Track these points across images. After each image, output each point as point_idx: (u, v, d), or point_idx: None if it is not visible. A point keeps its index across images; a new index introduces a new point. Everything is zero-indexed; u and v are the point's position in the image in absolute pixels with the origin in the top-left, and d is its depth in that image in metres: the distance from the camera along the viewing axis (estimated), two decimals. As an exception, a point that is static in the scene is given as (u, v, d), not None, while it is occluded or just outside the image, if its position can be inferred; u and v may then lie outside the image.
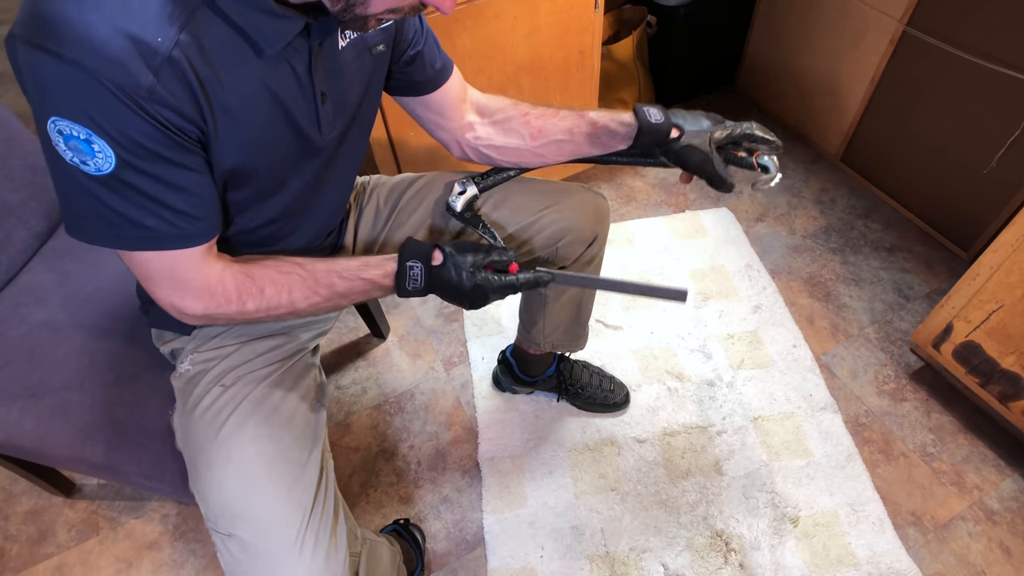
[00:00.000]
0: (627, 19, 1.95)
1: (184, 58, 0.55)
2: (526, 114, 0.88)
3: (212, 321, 0.71)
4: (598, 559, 1.18)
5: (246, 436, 0.73)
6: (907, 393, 1.39)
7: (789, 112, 1.99)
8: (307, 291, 0.72)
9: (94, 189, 0.57)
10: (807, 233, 1.73)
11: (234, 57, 0.59)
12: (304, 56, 0.65)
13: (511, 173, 0.94)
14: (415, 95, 0.87)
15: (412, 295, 0.74)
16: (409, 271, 0.72)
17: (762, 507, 1.23)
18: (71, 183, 0.58)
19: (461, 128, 0.90)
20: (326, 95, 0.69)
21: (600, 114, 0.86)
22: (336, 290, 0.73)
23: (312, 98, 0.68)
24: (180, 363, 0.82)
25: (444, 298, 0.75)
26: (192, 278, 0.66)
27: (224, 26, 0.57)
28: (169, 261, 0.64)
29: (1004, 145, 1.39)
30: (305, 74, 0.66)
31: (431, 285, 0.73)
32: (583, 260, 1.02)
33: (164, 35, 0.53)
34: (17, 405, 0.92)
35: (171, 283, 0.66)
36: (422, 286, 0.73)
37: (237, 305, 0.69)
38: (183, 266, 0.65)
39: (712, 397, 1.39)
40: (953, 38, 1.41)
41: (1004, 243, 1.08)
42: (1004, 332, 1.15)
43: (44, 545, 1.25)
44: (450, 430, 1.38)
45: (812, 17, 1.75)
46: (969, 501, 1.23)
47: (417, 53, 0.81)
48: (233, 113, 0.61)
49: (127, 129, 0.54)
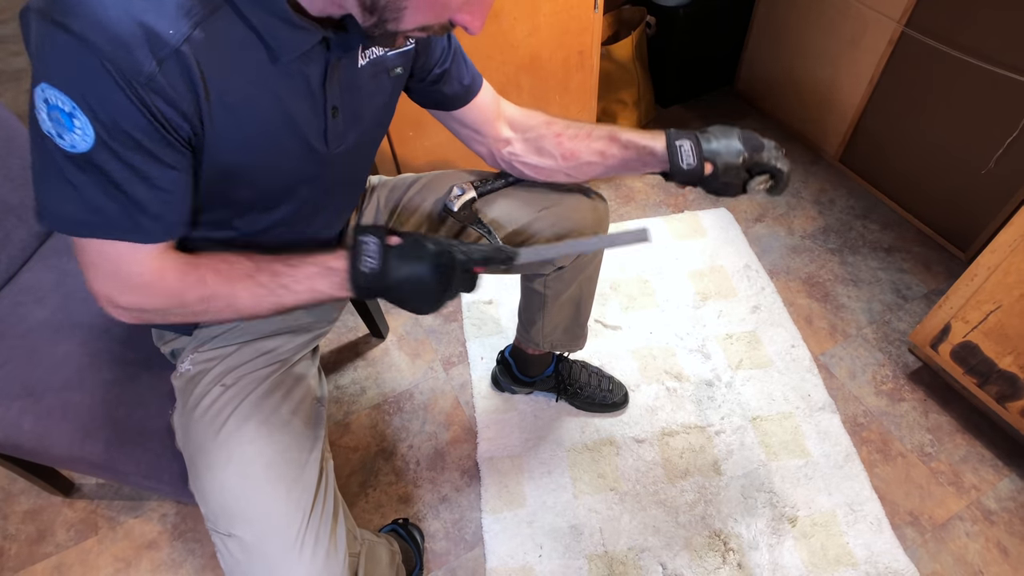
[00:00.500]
0: (626, 19, 1.95)
1: (192, 54, 0.55)
2: (559, 135, 0.88)
3: (141, 316, 0.67)
4: (597, 558, 1.18)
5: (246, 436, 0.74)
6: (905, 393, 1.40)
7: (788, 113, 1.99)
8: (249, 280, 0.67)
9: (62, 164, 0.56)
10: (806, 233, 1.73)
11: (248, 59, 0.59)
12: (320, 69, 0.65)
13: (511, 180, 0.94)
14: (446, 110, 0.88)
15: (368, 283, 0.67)
16: (363, 246, 0.67)
17: (760, 507, 1.23)
18: (42, 154, 0.56)
19: (497, 142, 0.91)
20: (338, 110, 0.69)
21: (633, 138, 0.85)
22: (279, 279, 0.67)
23: (323, 111, 0.68)
24: (180, 363, 0.82)
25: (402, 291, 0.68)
26: (136, 272, 0.63)
27: (243, 28, 0.58)
28: (116, 253, 0.62)
29: (1002, 146, 1.40)
30: (319, 87, 0.66)
31: (387, 270, 0.66)
32: (581, 262, 1.03)
33: (177, 28, 0.53)
34: (16, 404, 0.92)
35: (112, 276, 0.63)
36: (378, 266, 0.66)
37: (177, 298, 0.65)
38: (129, 260, 0.62)
39: (711, 397, 1.40)
40: (951, 39, 1.42)
41: (1002, 244, 1.09)
42: (1002, 332, 1.15)
43: (43, 544, 1.25)
44: (449, 430, 1.38)
45: (811, 18, 1.75)
46: (967, 501, 1.23)
47: (444, 71, 0.82)
48: (236, 112, 0.61)
49: (115, 113, 0.54)
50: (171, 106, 0.56)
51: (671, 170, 0.82)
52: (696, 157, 0.80)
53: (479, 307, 1.60)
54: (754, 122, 2.06)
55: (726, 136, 0.82)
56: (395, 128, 1.36)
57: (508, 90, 1.44)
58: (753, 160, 0.81)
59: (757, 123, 2.06)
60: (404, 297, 0.69)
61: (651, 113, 2.08)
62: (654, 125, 2.08)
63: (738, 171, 0.80)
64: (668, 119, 2.10)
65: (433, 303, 0.69)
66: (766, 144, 0.83)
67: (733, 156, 0.80)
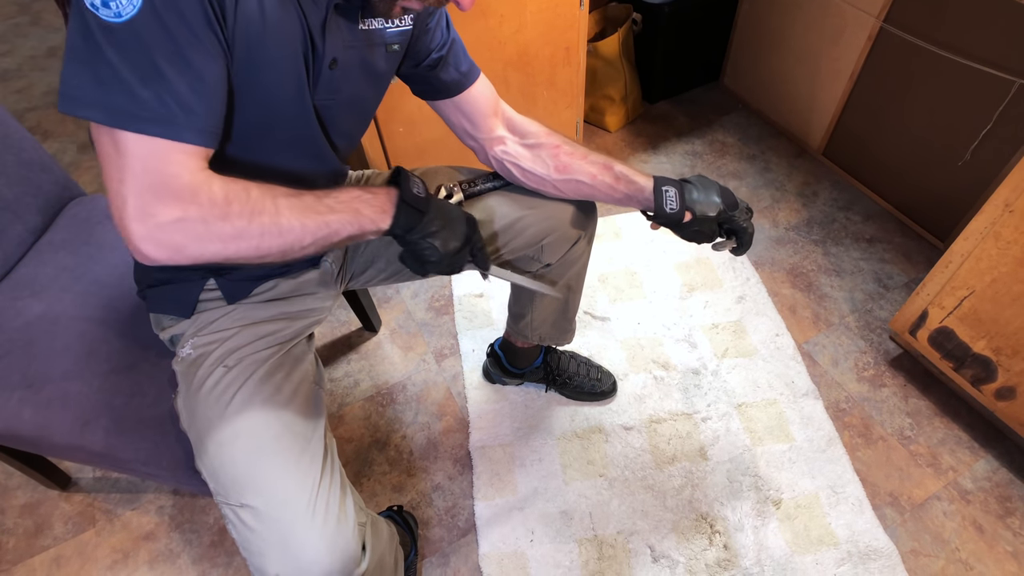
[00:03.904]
0: (613, 17, 1.98)
1: None
2: (557, 146, 0.92)
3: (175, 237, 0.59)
4: (587, 542, 1.21)
5: (253, 412, 0.76)
6: (886, 379, 1.44)
7: (772, 107, 2.03)
8: (293, 199, 0.64)
9: (100, 39, 0.53)
10: (790, 225, 1.77)
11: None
12: (321, 14, 0.66)
13: (498, 184, 0.96)
14: (442, 98, 0.90)
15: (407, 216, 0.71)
16: (411, 179, 0.73)
17: (745, 490, 1.26)
18: (80, 31, 0.53)
19: (491, 140, 0.93)
20: (336, 62, 0.71)
21: (625, 172, 0.91)
22: (323, 200, 0.66)
23: (321, 56, 0.69)
24: (181, 348, 0.84)
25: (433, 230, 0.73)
26: (177, 174, 0.58)
27: None
28: (157, 149, 0.57)
29: (977, 138, 1.44)
30: (319, 31, 0.67)
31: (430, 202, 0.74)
32: (568, 260, 1.05)
33: None
34: (16, 395, 0.93)
35: (149, 177, 0.57)
36: (424, 194, 0.74)
37: (222, 207, 0.60)
38: (172, 159, 0.58)
39: (697, 385, 1.43)
40: (928, 34, 1.46)
41: (974, 231, 1.12)
42: (975, 317, 1.19)
43: (41, 538, 1.26)
44: (442, 420, 1.41)
45: (793, 14, 1.79)
46: (944, 482, 1.27)
47: (441, 58, 0.85)
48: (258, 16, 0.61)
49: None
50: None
51: (655, 211, 0.89)
52: (679, 204, 0.88)
53: (470, 300, 1.62)
54: (740, 117, 2.10)
55: (706, 189, 0.90)
56: (386, 124, 1.38)
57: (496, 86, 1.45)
58: (726, 216, 0.89)
59: (743, 118, 2.09)
60: (434, 233, 0.73)
61: (638, 109, 2.11)
62: (642, 121, 2.11)
63: (711, 223, 0.89)
64: (655, 115, 2.13)
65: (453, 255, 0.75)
66: (740, 204, 0.91)
67: (711, 209, 0.88)
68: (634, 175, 0.90)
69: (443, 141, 1.50)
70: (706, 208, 0.88)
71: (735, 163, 1.95)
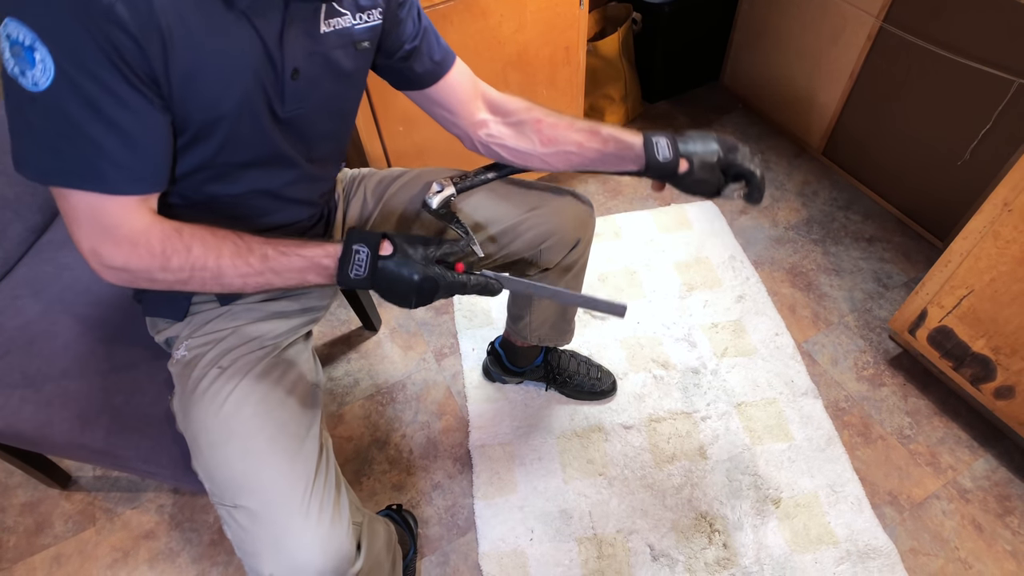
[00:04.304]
0: (612, 16, 1.99)
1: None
2: (539, 120, 0.89)
3: (132, 278, 0.66)
4: (586, 541, 1.21)
5: (246, 413, 0.76)
6: (885, 378, 1.44)
7: (772, 107, 2.03)
8: (238, 260, 0.67)
9: (25, 106, 0.56)
10: (789, 225, 1.77)
11: (206, 3, 0.59)
12: (276, 24, 0.65)
13: (490, 176, 0.93)
14: (418, 88, 0.88)
15: (354, 284, 0.70)
16: (354, 255, 0.69)
17: (745, 489, 1.26)
18: (9, 98, 0.56)
19: (474, 124, 0.91)
20: (298, 72, 0.69)
21: (612, 133, 0.86)
22: (269, 263, 0.68)
23: (278, 68, 0.67)
24: (176, 350, 0.84)
25: (385, 295, 0.71)
26: (116, 224, 0.62)
27: None
28: (94, 202, 0.61)
29: (977, 137, 1.44)
30: (275, 42, 0.66)
31: (375, 276, 0.69)
32: (565, 263, 1.05)
33: None
34: (16, 394, 0.94)
35: (92, 227, 0.62)
36: (365, 274, 0.69)
37: (160, 260, 0.64)
38: (109, 211, 0.62)
39: (697, 384, 1.43)
40: (928, 34, 1.46)
41: (973, 230, 1.12)
42: (974, 316, 1.19)
43: (41, 536, 1.27)
44: (441, 419, 1.41)
45: (792, 14, 1.79)
46: (943, 481, 1.27)
47: (414, 48, 0.83)
48: (200, 58, 0.61)
49: (74, 44, 0.54)
50: (132, 41, 0.55)
51: (647, 163, 0.84)
52: (672, 152, 0.83)
53: (470, 300, 1.62)
54: (739, 116, 2.10)
55: (703, 138, 0.85)
56: (386, 124, 1.38)
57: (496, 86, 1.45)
58: (728, 160, 0.84)
59: (743, 117, 2.09)
60: (385, 296, 0.72)
61: (638, 108, 2.11)
62: (641, 120, 2.11)
63: (713, 169, 0.83)
64: (655, 114, 2.13)
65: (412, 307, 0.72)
66: (740, 147, 0.85)
67: (709, 155, 0.83)
68: (623, 134, 0.86)
69: (443, 140, 1.49)
70: (704, 155, 0.83)
71: (735, 163, 1.95)
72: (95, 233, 0.63)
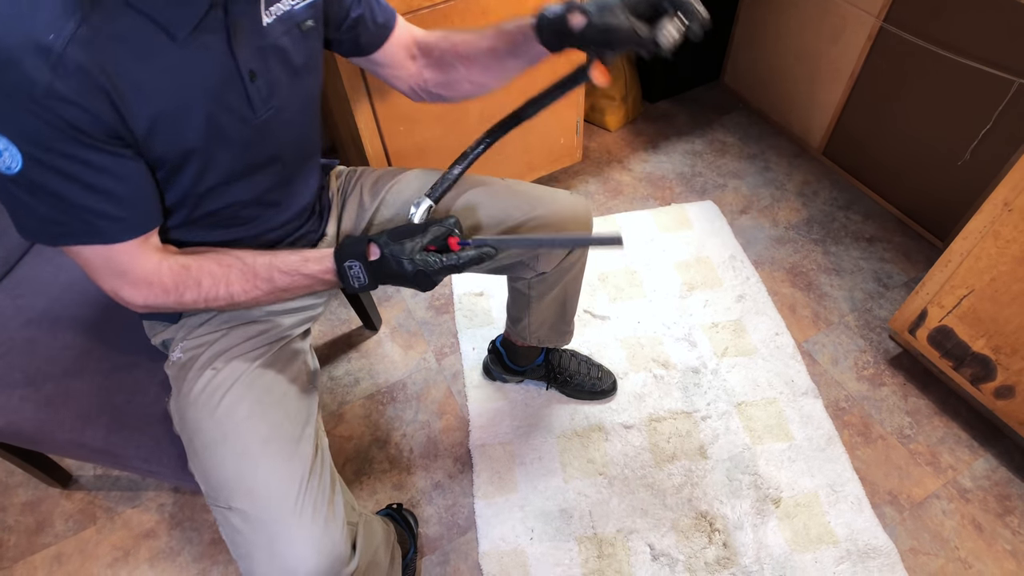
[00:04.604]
0: (613, 16, 1.98)
1: (84, 53, 0.55)
2: (455, 45, 0.86)
3: (155, 310, 0.73)
4: (586, 540, 1.21)
5: (240, 415, 0.76)
6: (885, 378, 1.44)
7: (773, 107, 2.03)
8: (246, 285, 0.73)
9: (11, 188, 0.60)
10: (790, 225, 1.77)
11: (148, 44, 0.59)
12: (222, 35, 0.64)
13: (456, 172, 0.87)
14: (366, 55, 0.87)
15: (361, 290, 0.75)
16: (349, 271, 0.73)
17: (745, 489, 1.26)
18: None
19: (412, 76, 0.90)
20: (255, 73, 0.69)
21: (515, 23, 0.81)
22: (276, 284, 0.74)
23: (239, 77, 0.67)
24: (172, 352, 0.84)
25: (395, 284, 0.75)
26: (129, 270, 0.68)
27: (133, 13, 0.58)
28: (104, 253, 0.66)
29: (977, 137, 1.44)
30: (227, 53, 0.65)
31: (376, 278, 0.73)
32: (564, 267, 1.05)
33: (57, 31, 0.54)
34: (17, 393, 0.94)
35: (109, 273, 0.68)
36: (367, 282, 0.73)
37: (175, 296, 0.70)
38: (118, 258, 0.67)
39: (697, 384, 1.43)
40: (928, 34, 1.46)
41: (973, 230, 1.12)
42: (975, 316, 1.19)
43: (42, 535, 1.27)
44: (442, 419, 1.41)
45: (792, 14, 1.79)
46: (943, 480, 1.27)
47: (360, 15, 0.82)
48: (154, 101, 0.61)
49: (29, 131, 0.55)
50: (81, 109, 0.56)
51: (537, 23, 0.76)
52: (562, 8, 0.73)
53: (470, 299, 1.63)
54: (740, 116, 2.10)
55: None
56: (386, 123, 1.38)
57: (497, 85, 1.47)
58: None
59: (743, 117, 2.09)
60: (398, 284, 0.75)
61: (638, 108, 2.12)
62: (642, 120, 2.11)
63: (614, 12, 0.69)
64: (655, 114, 2.13)
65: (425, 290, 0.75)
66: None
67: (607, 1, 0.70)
68: (518, 19, 0.80)
69: (444, 140, 1.50)
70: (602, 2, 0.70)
71: (735, 162, 1.95)
72: (112, 278, 0.68)
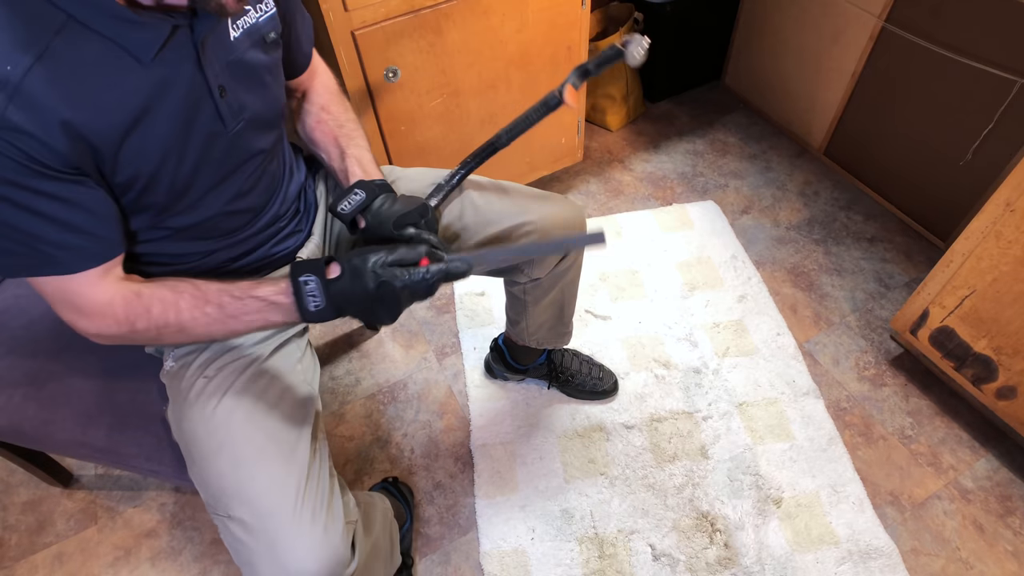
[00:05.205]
0: (614, 16, 1.99)
1: (44, 83, 0.55)
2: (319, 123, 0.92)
3: (111, 341, 0.70)
4: (587, 540, 1.21)
5: (235, 423, 0.76)
6: (887, 378, 1.44)
7: (775, 107, 2.03)
8: (196, 311, 0.68)
9: None
10: (791, 225, 1.77)
11: (115, 69, 0.60)
12: (191, 54, 0.65)
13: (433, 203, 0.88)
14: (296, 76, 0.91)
15: (318, 318, 0.68)
16: (304, 287, 0.67)
17: (746, 489, 1.26)
18: None
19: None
20: (224, 88, 0.70)
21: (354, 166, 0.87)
22: (227, 310, 0.69)
23: (208, 93, 0.68)
24: (165, 360, 0.84)
25: (355, 315, 0.69)
26: (82, 301, 0.66)
27: (98, 40, 0.58)
28: (58, 284, 0.65)
29: (979, 137, 1.44)
30: (196, 71, 0.66)
31: (334, 301, 0.67)
32: (558, 272, 1.05)
33: (15, 63, 0.54)
34: (19, 392, 0.94)
35: (63, 304, 0.67)
36: (324, 303, 0.67)
37: (127, 327, 0.68)
38: (73, 289, 0.65)
39: (698, 384, 1.43)
40: (930, 34, 1.46)
41: (975, 231, 1.12)
42: (976, 316, 1.19)
43: (43, 535, 1.27)
44: (443, 418, 1.41)
45: (794, 14, 1.79)
46: (945, 481, 1.27)
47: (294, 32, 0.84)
48: (123, 124, 0.61)
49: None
50: (39, 141, 0.56)
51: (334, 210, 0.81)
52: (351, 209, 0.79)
53: (471, 298, 1.63)
54: (741, 116, 2.10)
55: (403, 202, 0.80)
56: (387, 123, 1.38)
57: (498, 85, 1.47)
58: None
59: (744, 117, 2.09)
60: (357, 316, 0.70)
61: (639, 108, 2.11)
62: (643, 120, 2.11)
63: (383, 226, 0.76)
64: (656, 114, 2.13)
65: (387, 320, 0.70)
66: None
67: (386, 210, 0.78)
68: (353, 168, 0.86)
69: (443, 140, 1.50)
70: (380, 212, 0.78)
71: (736, 162, 1.95)
72: (67, 309, 0.67)
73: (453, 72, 1.38)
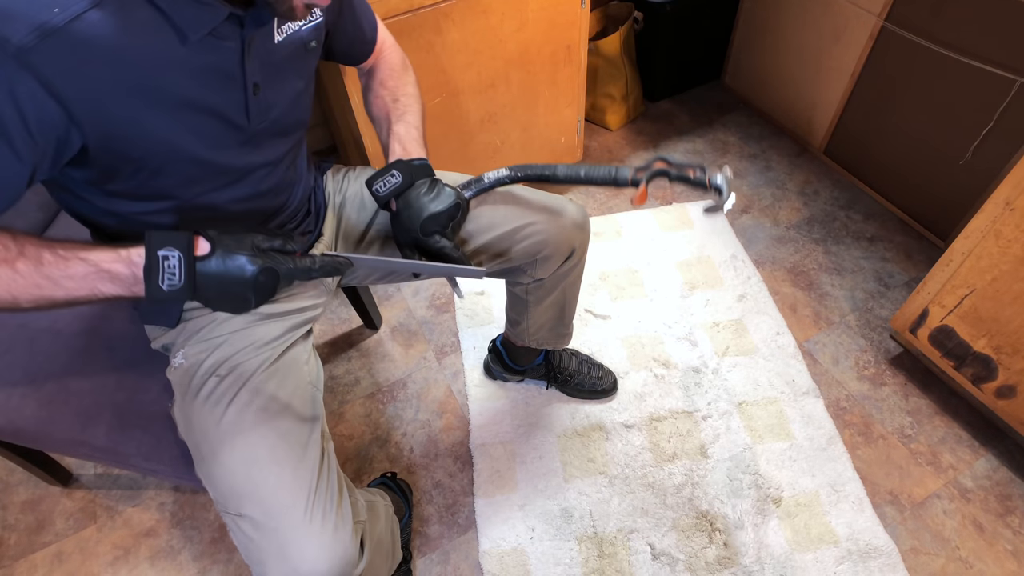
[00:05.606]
0: (614, 15, 1.98)
1: (85, 34, 0.54)
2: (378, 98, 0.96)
3: None
4: (587, 540, 1.21)
5: (247, 422, 0.76)
6: (886, 378, 1.44)
7: (774, 106, 2.02)
8: (5, 267, 0.57)
9: None
10: (791, 224, 1.77)
11: (157, 39, 0.60)
12: (236, 46, 0.66)
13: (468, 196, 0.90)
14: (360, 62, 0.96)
15: (169, 297, 0.58)
16: (162, 262, 0.58)
17: (746, 488, 1.26)
18: None
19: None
20: (259, 86, 0.70)
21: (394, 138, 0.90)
22: (43, 269, 0.57)
23: (243, 88, 0.69)
24: (173, 357, 0.84)
25: (213, 303, 0.62)
26: None
27: (148, 8, 0.58)
28: None
29: (979, 136, 1.44)
30: (237, 64, 0.67)
31: (195, 283, 0.59)
32: (561, 272, 1.05)
33: (65, 7, 0.53)
34: (18, 391, 0.94)
35: None
36: (181, 283, 0.58)
37: None
38: None
39: (698, 383, 1.43)
40: (929, 33, 1.46)
41: (974, 230, 1.12)
42: (976, 316, 1.19)
43: (42, 534, 1.27)
44: (442, 418, 1.41)
45: (794, 13, 1.79)
46: (944, 480, 1.27)
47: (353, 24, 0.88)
48: (148, 94, 0.61)
49: None
50: (44, 87, 0.54)
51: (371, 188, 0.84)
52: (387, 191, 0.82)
53: (471, 298, 1.62)
54: (741, 115, 2.10)
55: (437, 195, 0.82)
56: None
57: (498, 84, 1.47)
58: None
59: (744, 116, 2.09)
60: (213, 305, 0.64)
61: (639, 107, 2.11)
62: (643, 120, 2.11)
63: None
64: (656, 113, 2.13)
65: (246, 310, 0.64)
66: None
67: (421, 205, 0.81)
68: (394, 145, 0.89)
69: (443, 140, 1.50)
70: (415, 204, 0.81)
71: (736, 162, 1.95)
72: None
73: (452, 71, 1.38)
